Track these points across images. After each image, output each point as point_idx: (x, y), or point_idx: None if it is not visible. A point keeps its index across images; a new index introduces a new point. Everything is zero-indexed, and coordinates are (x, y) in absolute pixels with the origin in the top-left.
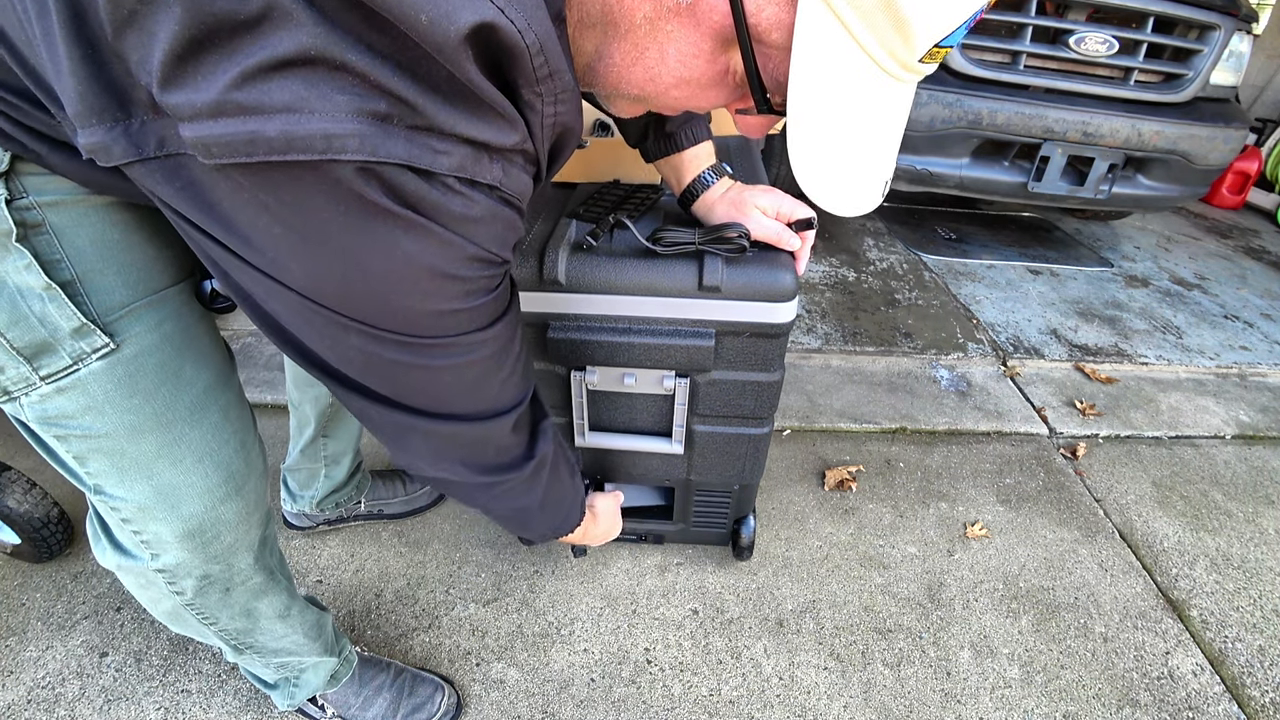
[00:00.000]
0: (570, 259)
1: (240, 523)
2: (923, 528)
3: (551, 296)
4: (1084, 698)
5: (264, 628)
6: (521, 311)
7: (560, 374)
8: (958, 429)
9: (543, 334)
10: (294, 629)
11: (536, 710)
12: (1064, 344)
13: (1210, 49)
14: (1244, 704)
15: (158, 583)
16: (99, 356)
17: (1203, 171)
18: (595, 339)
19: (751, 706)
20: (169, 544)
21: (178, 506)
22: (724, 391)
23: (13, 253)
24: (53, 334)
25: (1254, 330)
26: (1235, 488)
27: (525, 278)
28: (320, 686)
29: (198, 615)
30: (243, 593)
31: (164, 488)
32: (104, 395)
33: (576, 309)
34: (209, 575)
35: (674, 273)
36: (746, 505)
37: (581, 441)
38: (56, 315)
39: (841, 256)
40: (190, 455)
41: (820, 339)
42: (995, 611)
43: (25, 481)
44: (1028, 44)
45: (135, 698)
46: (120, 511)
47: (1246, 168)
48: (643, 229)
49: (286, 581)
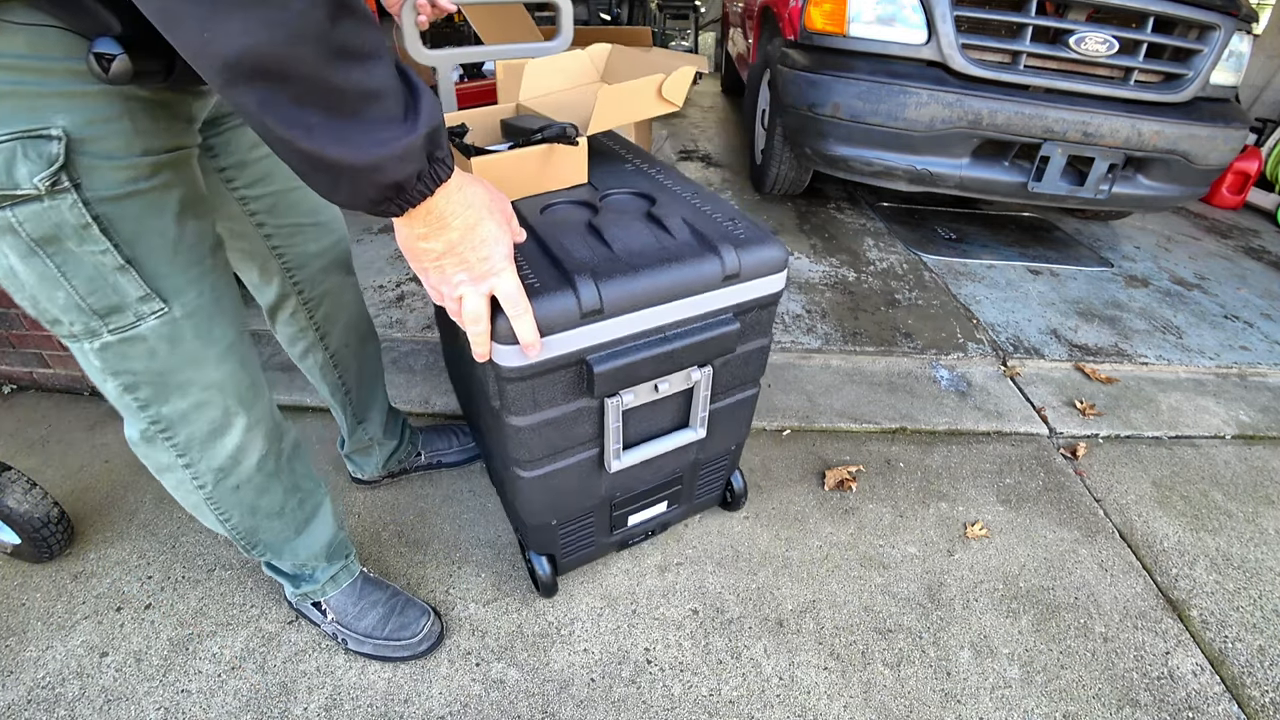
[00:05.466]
0: (603, 284)
1: (247, 432)
2: (923, 528)
3: (592, 328)
4: (1084, 698)
5: (264, 525)
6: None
7: (591, 406)
8: (958, 429)
9: (582, 371)
10: (289, 527)
11: (536, 710)
12: (1064, 344)
13: (1210, 49)
14: (1244, 704)
15: (185, 480)
16: (155, 316)
17: (1203, 171)
18: (638, 357)
19: (751, 706)
20: (194, 445)
21: (200, 420)
22: (734, 366)
23: (93, 240)
24: (123, 299)
25: (1254, 330)
26: (1235, 488)
27: (562, 315)
28: (323, 582)
29: (215, 509)
30: (249, 490)
31: (190, 409)
32: (155, 344)
33: (615, 334)
34: (223, 469)
35: (700, 270)
36: (736, 462)
37: (617, 466)
38: (128, 286)
39: (841, 256)
40: (215, 387)
41: (820, 339)
42: (995, 611)
43: (25, 481)
44: (1028, 44)
45: (135, 698)
46: (159, 424)
47: (1246, 168)
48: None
49: (286, 489)
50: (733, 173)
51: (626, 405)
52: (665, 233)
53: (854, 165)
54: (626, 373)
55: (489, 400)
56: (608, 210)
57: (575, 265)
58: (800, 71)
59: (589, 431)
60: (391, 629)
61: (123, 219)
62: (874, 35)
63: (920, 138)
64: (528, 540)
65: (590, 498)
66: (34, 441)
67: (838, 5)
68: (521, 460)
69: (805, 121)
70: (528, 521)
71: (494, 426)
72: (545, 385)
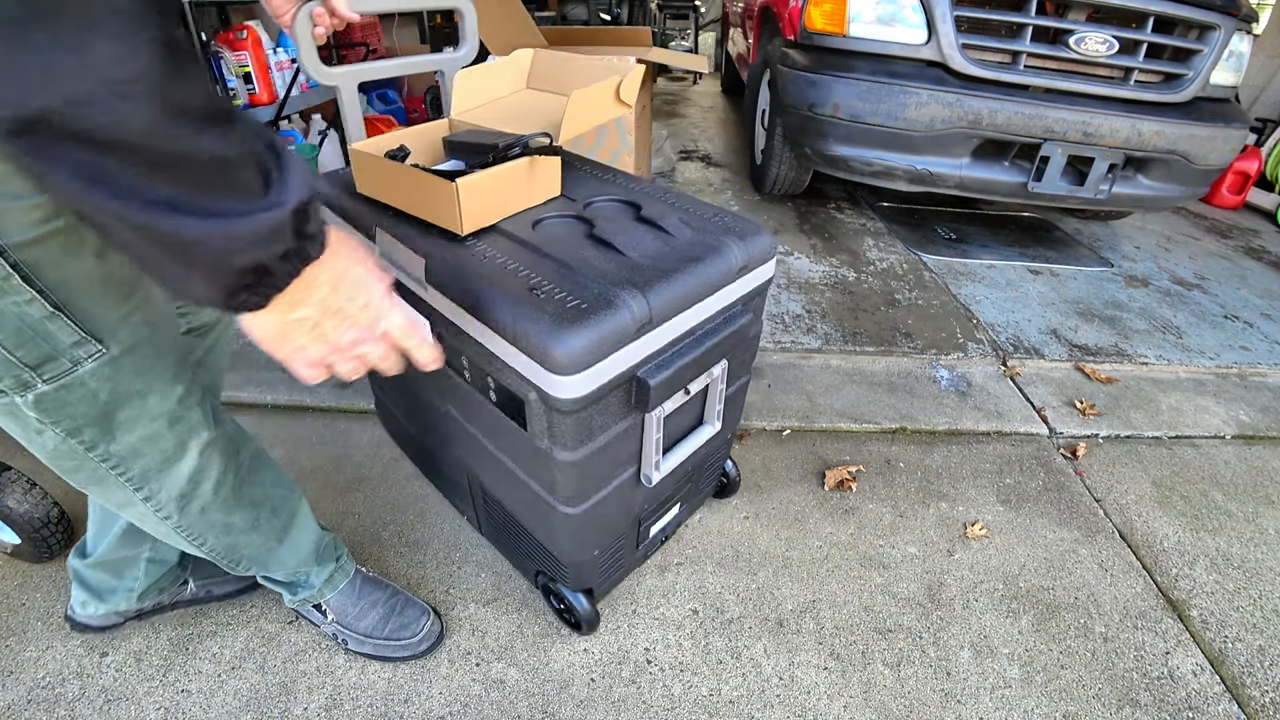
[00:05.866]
0: (647, 294)
1: (202, 454)
2: (923, 528)
3: (643, 341)
4: (1084, 698)
5: (243, 541)
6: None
7: (634, 423)
8: (958, 429)
9: (630, 389)
10: (268, 538)
11: (536, 710)
12: (1064, 344)
13: (1210, 49)
14: (1244, 704)
15: (149, 513)
16: (93, 359)
17: (1203, 171)
18: (681, 363)
19: (751, 706)
20: (150, 477)
21: (152, 452)
22: (740, 355)
23: (14, 291)
24: (56, 347)
25: (1254, 330)
26: (1235, 488)
27: (616, 333)
28: (319, 586)
29: (187, 535)
30: (216, 510)
31: (140, 441)
32: (96, 386)
33: (660, 343)
34: (184, 495)
35: (719, 266)
36: (729, 448)
37: (657, 477)
38: (59, 333)
39: (841, 256)
40: (163, 416)
41: (820, 339)
42: (995, 611)
43: (25, 481)
44: (1028, 44)
45: (135, 698)
46: (109, 461)
47: (1246, 168)
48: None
49: (254, 501)
50: (733, 173)
51: (666, 412)
52: (667, 234)
53: (854, 165)
54: (673, 381)
55: (526, 441)
56: (600, 219)
57: (611, 278)
58: (800, 71)
59: (631, 450)
60: (392, 629)
61: (44, 263)
62: (874, 35)
63: (920, 138)
64: (565, 579)
65: (627, 517)
66: None
67: (838, 5)
68: (570, 497)
69: (805, 121)
70: (569, 560)
71: (526, 469)
72: (599, 411)
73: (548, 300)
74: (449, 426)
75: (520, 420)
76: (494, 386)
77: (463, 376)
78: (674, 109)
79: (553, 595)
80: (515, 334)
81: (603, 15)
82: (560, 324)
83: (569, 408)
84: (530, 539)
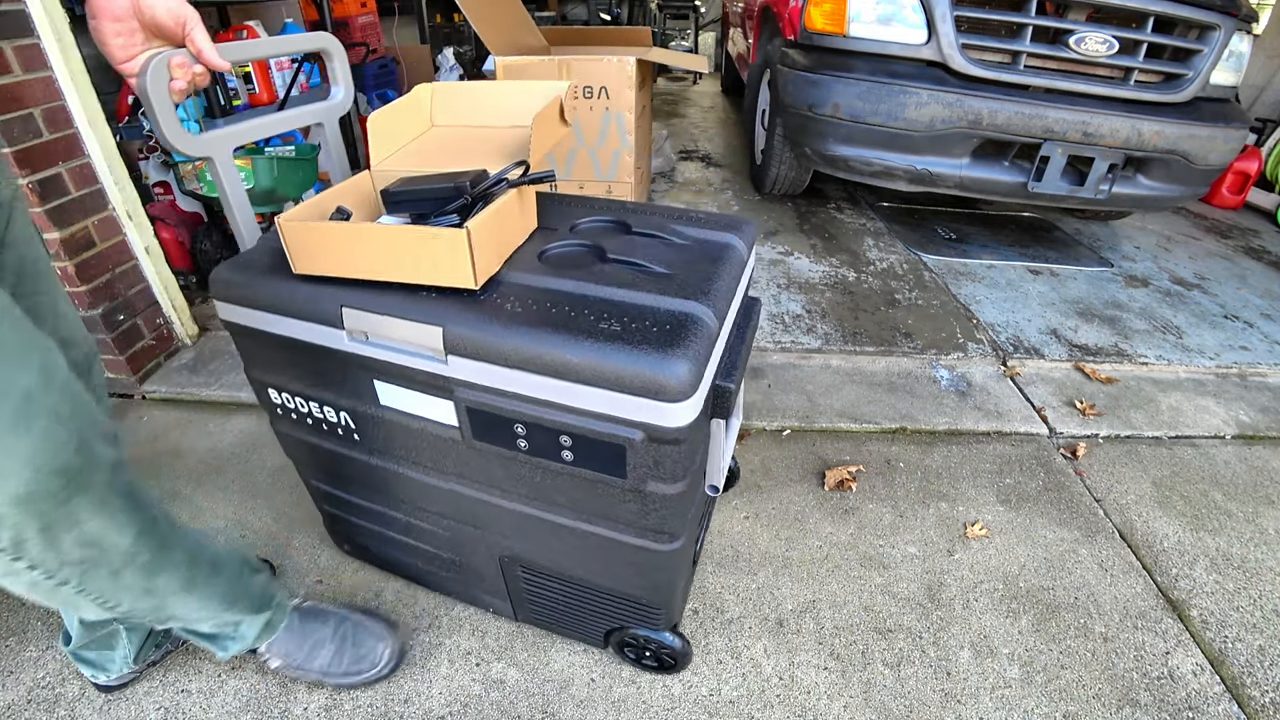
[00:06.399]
0: (709, 300)
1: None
2: (923, 528)
3: (719, 345)
4: (1084, 698)
5: (173, 603)
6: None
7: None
8: (958, 429)
9: (711, 397)
10: (207, 598)
11: (536, 710)
12: (1064, 344)
13: (1210, 49)
14: (1244, 704)
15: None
16: None
17: (1203, 171)
18: (738, 361)
19: (751, 706)
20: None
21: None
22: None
23: None
24: None
25: (1254, 330)
26: (1235, 488)
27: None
28: (257, 636)
29: (97, 600)
30: (133, 573)
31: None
32: None
33: (721, 345)
34: (84, 560)
35: (736, 258)
36: None
37: (718, 480)
38: None
39: (841, 256)
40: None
41: (820, 339)
42: (995, 611)
43: None
44: (1028, 44)
45: (135, 698)
46: None
47: (1246, 168)
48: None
49: (185, 556)
50: (733, 173)
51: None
52: (673, 242)
53: (854, 165)
54: (737, 380)
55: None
56: (601, 240)
57: (662, 293)
58: (800, 71)
59: (701, 463)
60: (349, 663)
61: None
62: (874, 35)
63: (920, 138)
64: (655, 623)
65: (695, 534)
66: None
67: (838, 5)
68: (672, 532)
69: (805, 121)
70: (663, 600)
71: (612, 521)
72: (695, 429)
73: (627, 332)
74: (475, 515)
75: (617, 469)
76: (571, 444)
77: (513, 449)
78: (674, 109)
79: (630, 648)
80: (611, 376)
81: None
82: (663, 350)
83: (681, 435)
84: (602, 600)
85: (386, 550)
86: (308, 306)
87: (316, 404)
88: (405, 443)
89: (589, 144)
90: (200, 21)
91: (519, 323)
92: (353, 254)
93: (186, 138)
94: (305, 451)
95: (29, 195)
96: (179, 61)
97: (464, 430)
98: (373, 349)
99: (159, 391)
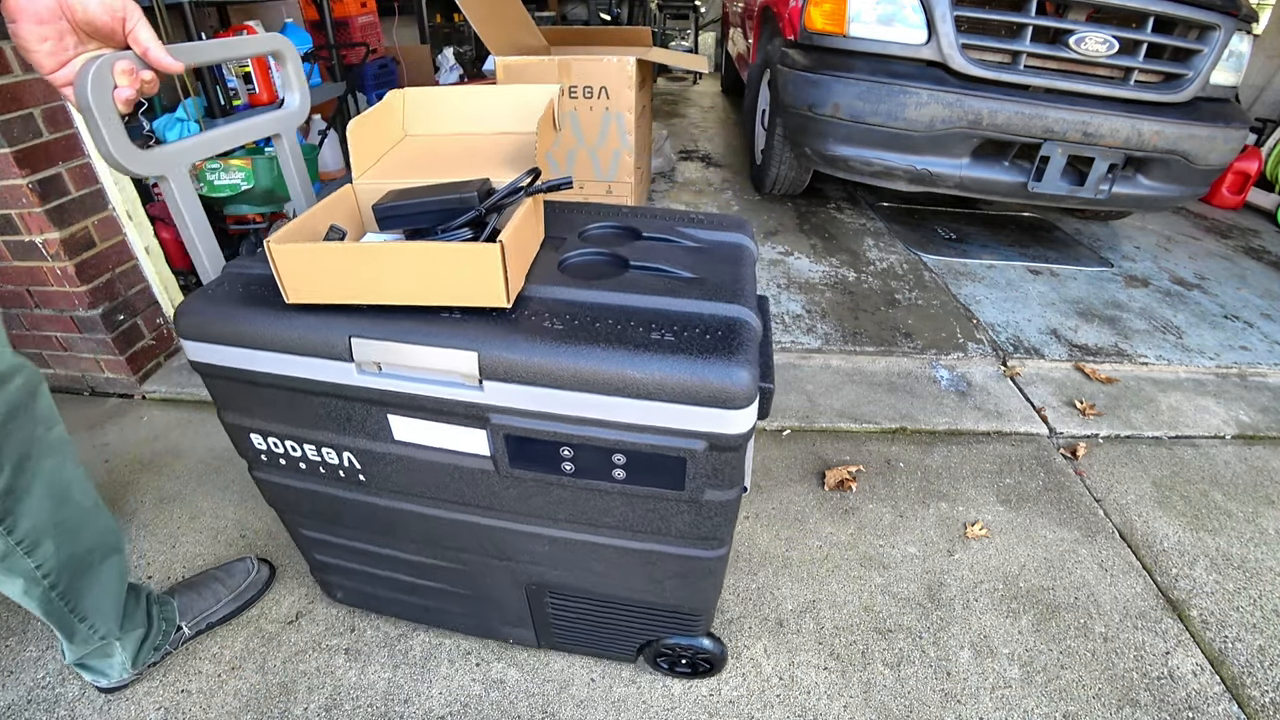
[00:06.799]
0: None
1: None
2: (923, 528)
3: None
4: (1084, 698)
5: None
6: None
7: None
8: (958, 429)
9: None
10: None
11: (536, 710)
12: (1064, 344)
13: (1210, 49)
14: (1244, 704)
15: None
16: None
17: (1203, 171)
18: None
19: (751, 706)
20: None
21: None
22: None
23: None
24: None
25: (1254, 330)
26: (1235, 488)
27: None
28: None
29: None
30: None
31: None
32: None
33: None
34: None
35: (748, 256)
36: None
37: (748, 480)
38: None
39: (841, 256)
40: None
41: (820, 339)
42: (995, 611)
43: None
44: (1028, 44)
45: (135, 698)
46: None
47: (1246, 168)
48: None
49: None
50: (733, 173)
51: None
52: (688, 245)
53: (854, 165)
54: (772, 380)
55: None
56: (612, 245)
57: (699, 298)
58: (800, 71)
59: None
60: (231, 590)
61: None
62: (874, 35)
63: (920, 138)
64: (694, 630)
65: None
66: None
67: (838, 5)
68: (721, 538)
69: (805, 121)
70: (705, 607)
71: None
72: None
73: (682, 341)
74: (503, 546)
75: (675, 482)
76: (625, 462)
77: (556, 473)
78: (674, 109)
79: (664, 658)
80: (675, 388)
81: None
82: (726, 357)
83: (742, 441)
84: (638, 614)
85: (388, 593)
86: (307, 339)
87: (312, 446)
88: (422, 479)
89: (589, 144)
90: (143, 16)
91: (565, 340)
92: (363, 278)
93: (136, 156)
94: (295, 499)
95: (29, 195)
96: (124, 67)
97: (499, 459)
98: (388, 381)
99: (159, 391)
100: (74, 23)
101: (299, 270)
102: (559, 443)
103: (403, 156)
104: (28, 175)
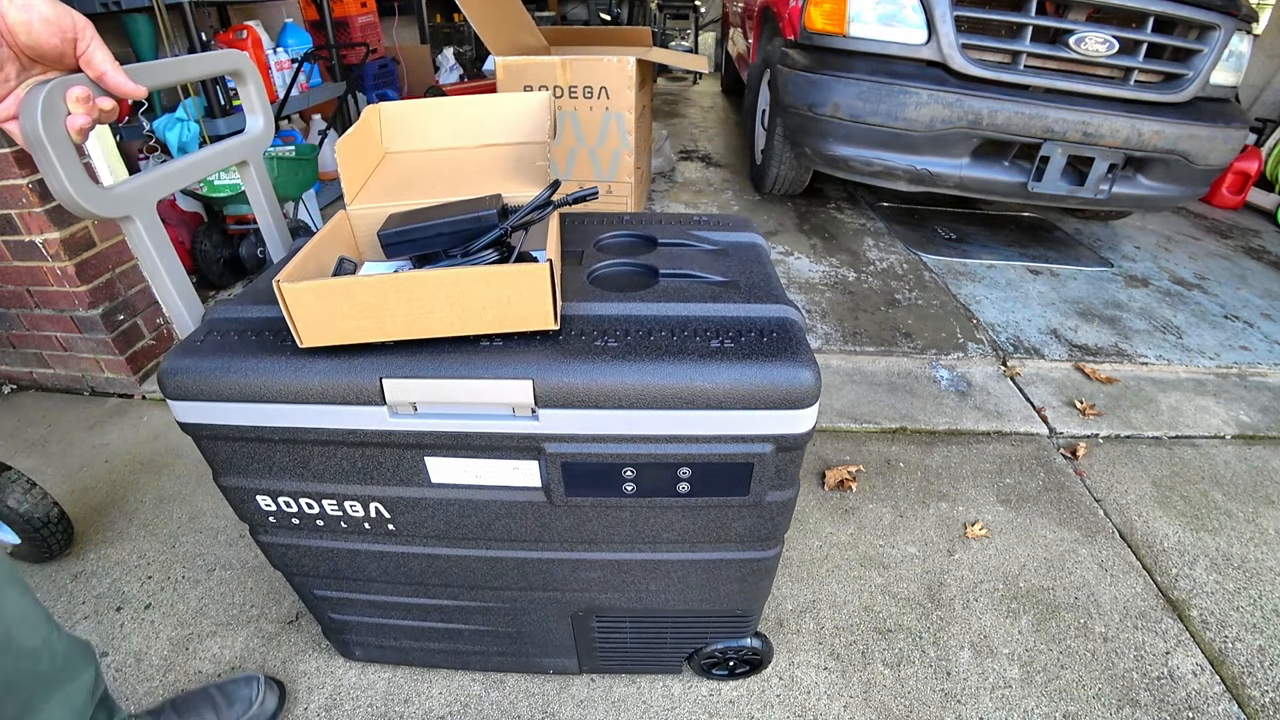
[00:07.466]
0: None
1: None
2: (923, 528)
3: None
4: (1084, 698)
5: None
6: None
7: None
8: (958, 429)
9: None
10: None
11: (536, 710)
12: (1064, 344)
13: (1210, 49)
14: (1244, 704)
15: None
16: None
17: (1203, 171)
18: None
19: (751, 706)
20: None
21: None
22: None
23: None
24: None
25: (1254, 330)
26: (1235, 488)
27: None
28: None
29: None
30: None
31: None
32: None
33: None
34: None
35: (766, 255)
36: None
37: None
38: None
39: (841, 256)
40: None
41: (820, 339)
42: (995, 611)
43: (25, 481)
44: (1028, 44)
45: (135, 698)
46: None
47: (1246, 168)
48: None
49: None
50: (733, 173)
51: None
52: (707, 249)
53: (854, 165)
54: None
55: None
56: (634, 254)
57: (753, 296)
58: (800, 71)
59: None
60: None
61: None
62: (874, 35)
63: (920, 138)
64: (745, 631)
65: None
66: (34, 441)
67: (838, 5)
68: (777, 537)
69: (805, 121)
70: (757, 607)
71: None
72: None
73: (742, 347)
74: (550, 578)
75: (740, 488)
76: (690, 475)
77: (617, 495)
78: (674, 109)
79: (716, 665)
80: (745, 394)
81: (603, 15)
82: (790, 358)
83: (805, 440)
84: (688, 623)
85: (415, 643)
86: (329, 386)
87: (332, 501)
88: (463, 521)
89: (589, 144)
90: (97, 35)
91: (625, 359)
92: (393, 312)
93: (98, 196)
94: (309, 560)
95: (29, 195)
96: (78, 94)
97: (552, 488)
98: (424, 421)
99: (159, 391)
100: (15, 49)
101: (315, 310)
102: (620, 464)
103: (391, 177)
104: (28, 175)
